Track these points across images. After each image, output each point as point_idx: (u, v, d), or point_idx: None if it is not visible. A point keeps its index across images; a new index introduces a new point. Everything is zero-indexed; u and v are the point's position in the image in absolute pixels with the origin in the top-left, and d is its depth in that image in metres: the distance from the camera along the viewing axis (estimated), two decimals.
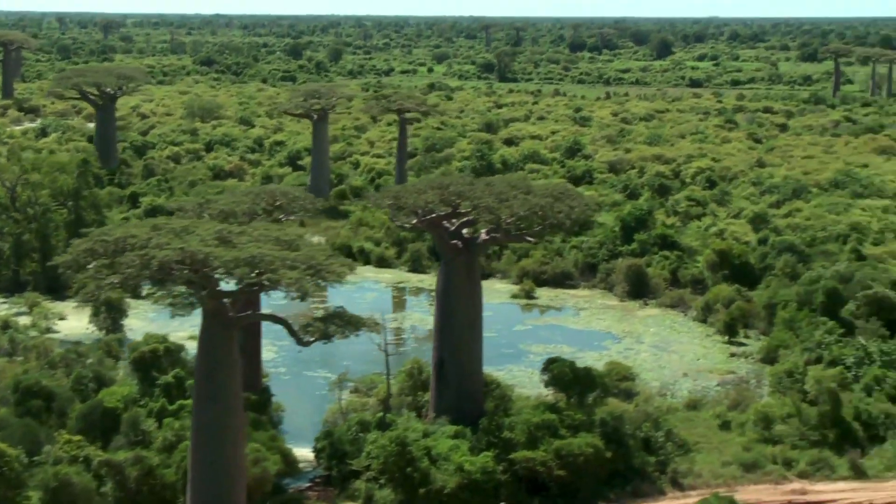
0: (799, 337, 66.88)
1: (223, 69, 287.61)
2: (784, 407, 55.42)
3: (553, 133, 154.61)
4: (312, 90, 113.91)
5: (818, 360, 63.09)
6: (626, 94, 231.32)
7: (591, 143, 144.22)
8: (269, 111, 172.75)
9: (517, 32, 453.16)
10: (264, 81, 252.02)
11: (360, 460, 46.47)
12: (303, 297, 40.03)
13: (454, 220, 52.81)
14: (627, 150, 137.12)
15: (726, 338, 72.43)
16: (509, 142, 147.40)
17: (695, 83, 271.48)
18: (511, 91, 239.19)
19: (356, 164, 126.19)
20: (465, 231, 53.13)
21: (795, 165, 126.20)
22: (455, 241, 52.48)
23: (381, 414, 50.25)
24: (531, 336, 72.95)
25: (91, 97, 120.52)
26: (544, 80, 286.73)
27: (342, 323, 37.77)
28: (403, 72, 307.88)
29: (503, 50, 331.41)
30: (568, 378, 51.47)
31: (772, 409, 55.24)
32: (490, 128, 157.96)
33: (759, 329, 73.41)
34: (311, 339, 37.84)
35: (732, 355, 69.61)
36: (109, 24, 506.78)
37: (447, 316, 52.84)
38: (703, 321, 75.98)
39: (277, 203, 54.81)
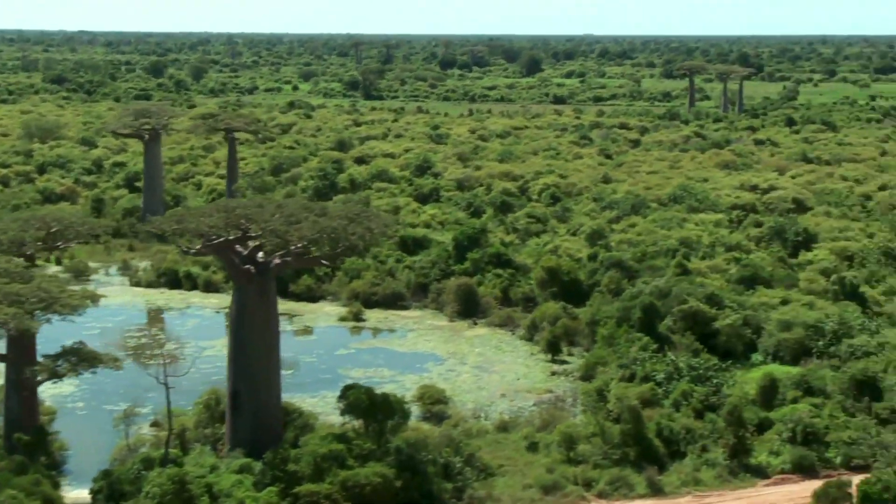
0: (616, 353, 66.93)
1: (75, 87, 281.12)
2: (589, 426, 55.25)
3: (407, 151, 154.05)
4: (142, 109, 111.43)
5: (632, 377, 63.20)
6: (489, 112, 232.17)
7: (443, 161, 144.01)
8: (97, 130, 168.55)
9: (388, 50, 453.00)
10: (117, 100, 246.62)
11: (138, 500, 44.64)
12: (22, 334, 37.87)
13: (249, 244, 51.48)
14: (478, 168, 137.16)
15: (549, 356, 72.23)
16: (361, 160, 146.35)
17: (558, 100, 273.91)
18: (374, 109, 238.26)
19: (199, 185, 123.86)
20: (259, 255, 51.81)
21: (639, 181, 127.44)
22: (248, 267, 51.10)
23: (163, 450, 48.44)
24: (353, 360, 71.72)
25: None
26: (410, 97, 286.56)
27: (76, 360, 36.04)
28: (268, 90, 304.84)
29: (368, 67, 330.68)
30: (364, 405, 50.34)
31: (576, 428, 54.99)
32: (343, 146, 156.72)
33: (583, 346, 73.36)
34: (41, 378, 36.05)
35: (553, 374, 69.37)
36: None
37: (241, 345, 51.42)
38: (530, 339, 75.73)
39: (53, 229, 52.70)
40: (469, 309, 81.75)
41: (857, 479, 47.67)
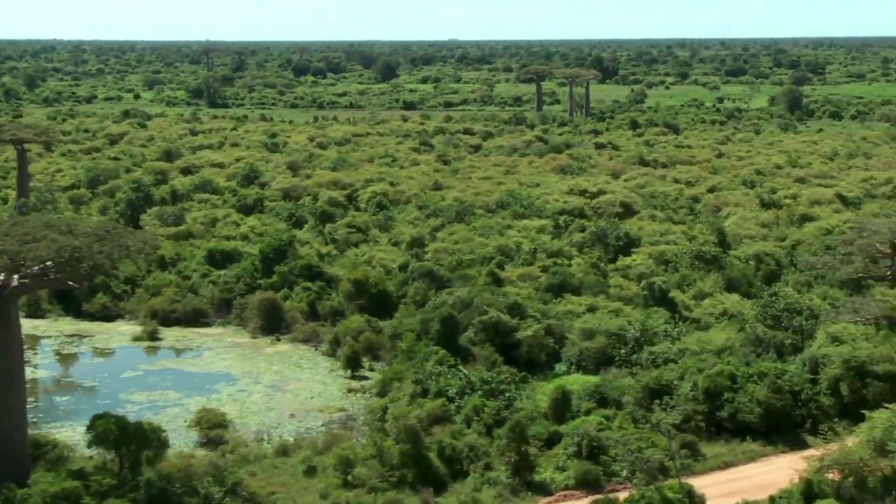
0: (413, 368, 64.25)
1: None
2: (368, 447, 52.41)
3: (238, 160, 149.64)
4: None
5: (426, 392, 60.63)
6: (335, 119, 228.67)
7: (273, 171, 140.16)
8: None
9: (240, 57, 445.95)
10: None
11: None
12: None
13: None
14: (308, 177, 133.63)
15: (349, 372, 69.29)
16: (187, 171, 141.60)
17: (408, 106, 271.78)
18: (215, 117, 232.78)
19: (4, 200, 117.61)
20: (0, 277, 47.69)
21: (470, 187, 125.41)
22: None
23: None
24: (138, 383, 67.66)
25: None
26: (257, 105, 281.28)
27: None
28: (108, 98, 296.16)
29: (212, 75, 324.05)
30: (114, 436, 46.65)
31: (353, 450, 52.09)
32: (170, 156, 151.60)
33: (386, 361, 70.57)
34: None
35: (350, 391, 66.46)
36: None
37: None
38: (332, 355, 72.72)
39: None
40: (273, 324, 78.37)
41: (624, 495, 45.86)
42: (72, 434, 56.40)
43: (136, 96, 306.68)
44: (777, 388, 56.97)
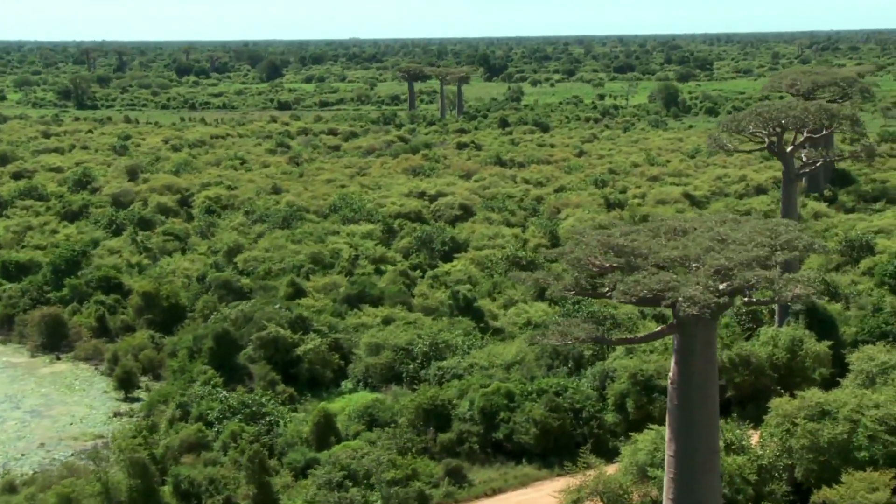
0: (180, 390, 59.48)
1: None
2: (92, 483, 47.55)
3: (77, 164, 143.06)
4: None
5: (186, 416, 55.98)
6: (202, 120, 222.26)
7: (111, 174, 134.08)
8: None
9: (120, 56, 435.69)
10: None
11: None
12: None
13: None
14: (145, 181, 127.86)
15: (123, 394, 64.29)
16: (19, 175, 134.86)
17: (283, 106, 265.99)
18: (77, 119, 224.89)
19: None
20: None
21: (308, 189, 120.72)
22: None
23: None
24: None
25: None
26: (127, 106, 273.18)
27: None
28: None
29: (80, 75, 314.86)
30: None
31: (78, 486, 47.21)
32: (3, 160, 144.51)
33: (166, 380, 65.66)
34: None
35: (116, 415, 61.40)
36: None
37: None
38: (111, 374, 67.56)
39: None
40: (55, 342, 73.05)
41: None
42: None
43: (2, 97, 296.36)
44: (555, 406, 53.30)
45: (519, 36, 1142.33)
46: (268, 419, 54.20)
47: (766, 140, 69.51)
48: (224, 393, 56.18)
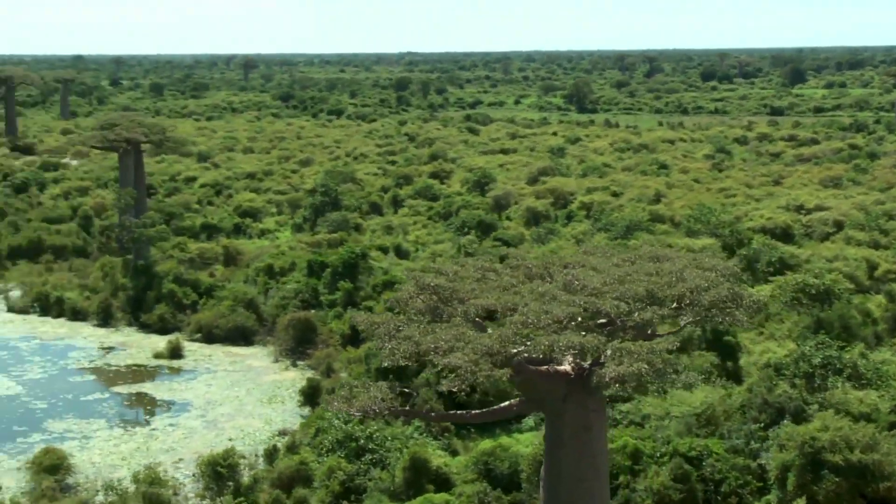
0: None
1: (295, 104, 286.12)
2: None
3: (500, 166, 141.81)
4: (111, 120, 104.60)
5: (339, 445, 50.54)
6: (679, 123, 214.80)
7: (510, 176, 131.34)
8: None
9: (651, 62, 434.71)
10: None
11: None
12: None
13: None
14: (543, 183, 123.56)
15: (308, 409, 60.09)
16: (435, 174, 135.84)
17: (775, 111, 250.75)
18: (561, 122, 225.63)
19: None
20: None
21: (694, 196, 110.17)
22: None
23: None
24: (83, 408, 61.79)
25: None
26: (624, 110, 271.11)
27: None
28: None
29: (582, 79, 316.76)
30: None
31: None
32: (432, 158, 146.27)
33: None
34: None
35: (281, 433, 57.18)
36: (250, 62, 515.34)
37: None
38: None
39: None
40: (301, 347, 70.67)
41: None
42: None
43: (517, 102, 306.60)
44: (683, 475, 42.17)
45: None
46: (372, 456, 47.47)
47: None
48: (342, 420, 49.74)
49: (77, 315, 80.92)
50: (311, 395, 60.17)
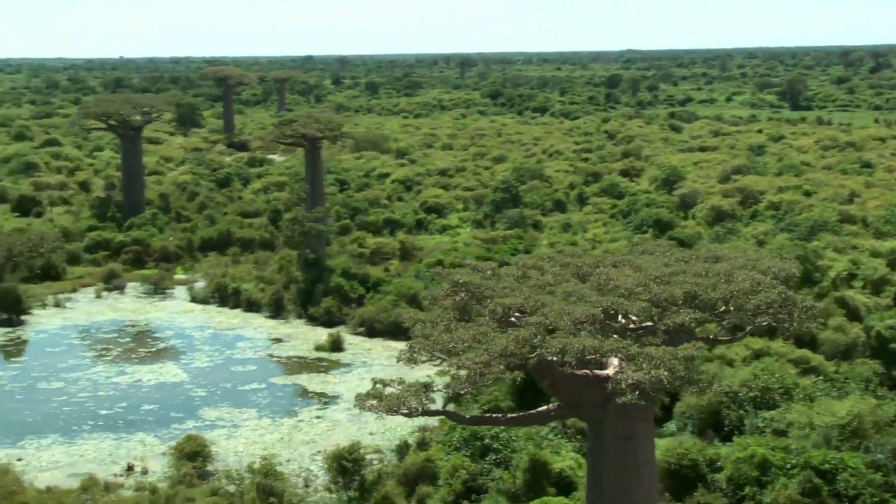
0: None
1: (504, 102, 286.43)
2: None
3: (696, 164, 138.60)
4: (289, 117, 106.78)
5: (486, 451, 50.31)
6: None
7: (700, 174, 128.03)
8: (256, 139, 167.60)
9: (877, 58, 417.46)
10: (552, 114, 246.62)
11: None
12: None
13: None
14: (735, 181, 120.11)
15: None
16: (625, 172, 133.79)
17: None
18: (770, 119, 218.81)
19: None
20: None
21: None
22: None
23: None
24: (241, 398, 63.59)
25: (115, 127, 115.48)
26: (840, 107, 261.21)
27: None
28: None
29: (797, 76, 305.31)
30: None
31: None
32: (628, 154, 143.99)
33: None
34: None
35: (421, 429, 57.06)
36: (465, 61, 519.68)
37: None
38: None
39: None
40: None
41: None
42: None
43: (728, 99, 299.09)
44: (812, 489, 40.02)
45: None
46: (496, 456, 46.91)
47: None
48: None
49: (252, 306, 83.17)
50: (458, 393, 59.82)
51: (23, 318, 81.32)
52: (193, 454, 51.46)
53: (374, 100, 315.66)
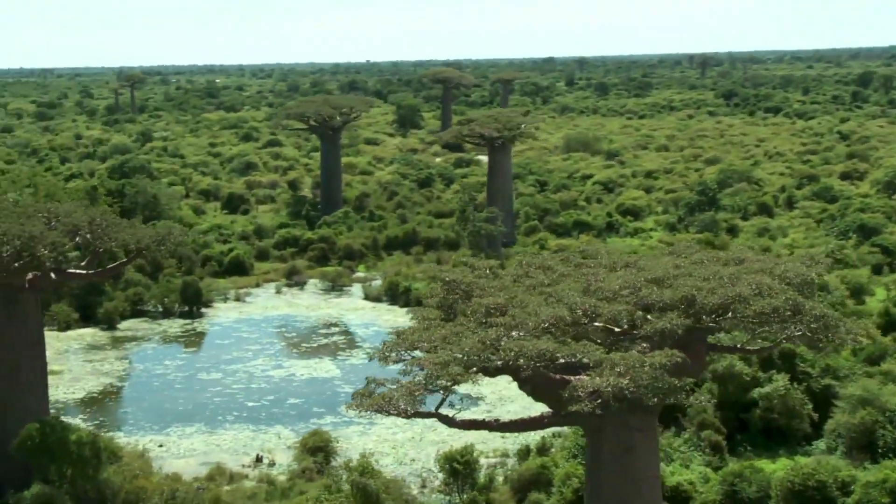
0: None
1: (738, 102, 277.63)
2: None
3: None
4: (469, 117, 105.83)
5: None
6: None
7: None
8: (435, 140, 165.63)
9: None
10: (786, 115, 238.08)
11: None
12: None
13: None
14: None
15: None
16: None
17: None
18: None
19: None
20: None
21: None
22: None
23: None
24: None
25: (315, 127, 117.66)
26: None
27: None
28: None
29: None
30: (33, 445, 43.64)
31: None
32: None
33: None
34: None
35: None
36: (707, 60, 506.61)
37: None
38: None
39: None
40: None
41: None
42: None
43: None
44: None
45: None
46: None
47: None
48: None
49: (421, 305, 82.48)
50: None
51: (203, 310, 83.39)
52: (316, 449, 51.12)
53: (602, 101, 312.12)
